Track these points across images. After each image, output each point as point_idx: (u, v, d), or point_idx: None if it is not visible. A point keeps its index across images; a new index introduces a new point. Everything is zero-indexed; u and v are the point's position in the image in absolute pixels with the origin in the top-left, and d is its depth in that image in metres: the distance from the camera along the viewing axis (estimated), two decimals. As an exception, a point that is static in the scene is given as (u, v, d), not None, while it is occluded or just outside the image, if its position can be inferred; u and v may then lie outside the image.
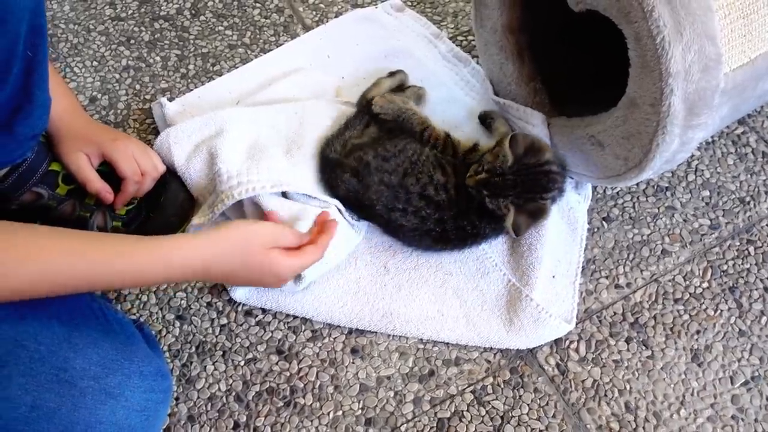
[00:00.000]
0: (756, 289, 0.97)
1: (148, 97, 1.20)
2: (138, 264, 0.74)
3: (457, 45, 1.25)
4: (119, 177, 0.94)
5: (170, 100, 1.17)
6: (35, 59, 0.74)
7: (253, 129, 1.05)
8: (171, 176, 1.00)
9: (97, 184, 0.93)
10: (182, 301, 0.98)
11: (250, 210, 0.97)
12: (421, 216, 0.94)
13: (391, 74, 1.14)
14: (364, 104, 1.08)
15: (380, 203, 0.95)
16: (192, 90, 1.20)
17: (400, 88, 1.14)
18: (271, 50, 1.26)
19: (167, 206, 0.97)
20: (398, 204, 0.95)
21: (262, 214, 0.96)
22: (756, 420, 0.87)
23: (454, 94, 1.17)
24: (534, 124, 1.02)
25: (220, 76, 1.22)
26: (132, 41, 1.29)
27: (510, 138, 0.92)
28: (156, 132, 1.14)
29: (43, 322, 0.71)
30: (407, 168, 0.95)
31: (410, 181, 0.94)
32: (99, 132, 0.95)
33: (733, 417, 0.87)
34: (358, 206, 0.98)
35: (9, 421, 0.66)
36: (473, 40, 1.25)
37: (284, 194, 0.98)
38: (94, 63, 1.26)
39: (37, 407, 0.67)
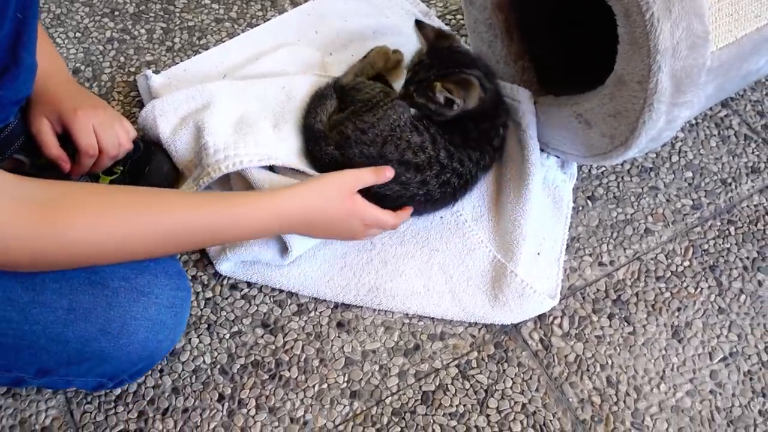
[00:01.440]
0: (735, 268, 0.99)
1: (132, 69, 1.19)
2: (254, 213, 0.78)
3: (445, 23, 1.24)
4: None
5: (155, 72, 1.15)
6: (25, 22, 0.74)
7: (241, 103, 1.04)
8: (156, 147, 0.99)
9: (53, 150, 0.89)
10: (167, 274, 0.97)
11: (236, 183, 0.97)
12: (402, 182, 0.92)
13: (364, 57, 1.12)
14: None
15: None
16: (178, 63, 1.18)
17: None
18: (259, 25, 1.24)
19: (152, 177, 0.97)
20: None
21: (249, 187, 0.95)
22: (733, 394, 0.89)
23: (442, 72, 1.17)
24: (521, 101, 1.02)
25: (207, 50, 1.20)
26: (116, 13, 1.26)
27: (416, 24, 0.98)
28: (141, 105, 1.13)
29: None
30: (387, 137, 0.94)
31: (389, 150, 0.93)
32: (65, 98, 0.91)
33: (711, 391, 0.89)
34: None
35: (47, 324, 0.72)
36: (462, 19, 1.25)
37: (272, 168, 0.97)
38: (78, 34, 1.24)
39: (73, 309, 0.73)
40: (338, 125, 0.98)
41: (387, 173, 0.89)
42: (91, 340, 0.74)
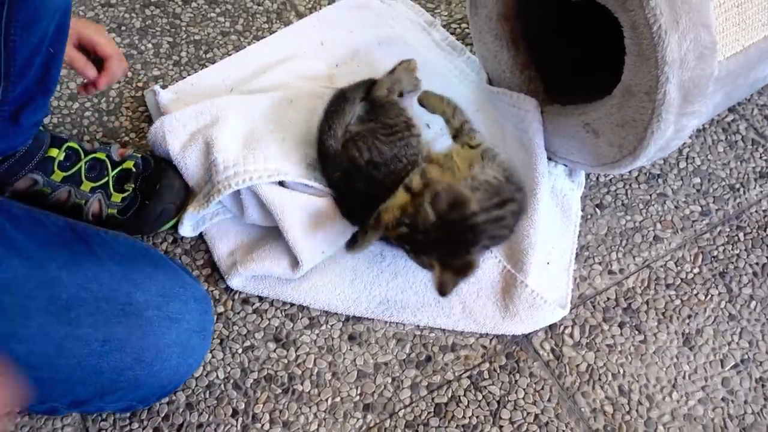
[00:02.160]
0: (745, 274, 0.99)
1: (140, 84, 1.19)
2: None
3: (450, 32, 1.25)
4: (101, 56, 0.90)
5: (163, 87, 1.16)
6: (56, 56, 0.76)
7: (249, 118, 1.05)
8: (166, 164, 1.00)
9: (81, 59, 0.88)
10: (179, 290, 0.98)
11: (247, 199, 0.97)
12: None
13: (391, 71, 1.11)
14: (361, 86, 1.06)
15: (362, 211, 0.93)
16: (185, 77, 1.19)
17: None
18: (264, 37, 1.25)
19: (164, 193, 0.97)
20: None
21: (260, 204, 0.96)
22: (746, 402, 0.89)
23: (449, 83, 1.17)
24: (527, 110, 1.02)
25: (213, 63, 1.21)
26: (123, 28, 1.27)
27: (433, 195, 0.82)
28: (149, 120, 1.14)
29: (98, 265, 0.77)
30: (395, 179, 0.91)
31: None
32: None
33: (723, 399, 0.89)
34: (342, 207, 0.98)
35: (83, 357, 0.73)
36: (467, 28, 1.25)
37: (281, 183, 0.98)
38: (85, 50, 1.24)
39: (109, 340, 0.74)
40: (353, 142, 0.98)
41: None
42: (126, 370, 0.75)
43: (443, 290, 0.83)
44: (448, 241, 0.82)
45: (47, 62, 0.76)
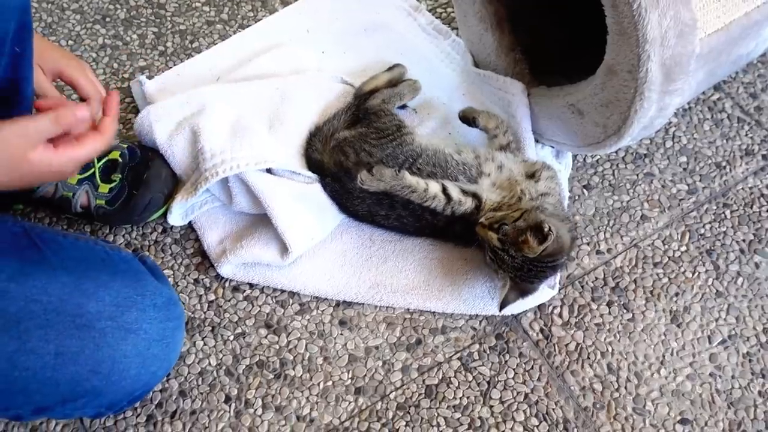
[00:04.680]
0: (732, 251, 1.00)
1: (126, 75, 1.19)
2: None
3: (436, 17, 1.24)
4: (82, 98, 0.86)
5: (149, 78, 1.16)
6: (23, 55, 0.75)
7: (236, 106, 1.05)
8: (152, 153, 1.00)
9: (55, 94, 0.84)
10: (169, 279, 0.98)
11: (235, 186, 0.97)
12: (402, 222, 0.96)
13: (390, 68, 1.11)
14: (360, 97, 1.06)
15: (363, 208, 0.96)
16: (171, 68, 1.19)
17: (394, 83, 1.10)
18: (250, 26, 1.25)
19: (151, 183, 0.97)
20: (381, 210, 0.96)
21: (249, 192, 0.96)
22: (733, 376, 0.90)
23: (434, 66, 1.17)
24: (514, 94, 1.03)
25: (199, 53, 1.21)
26: (108, 19, 1.27)
27: (546, 235, 0.83)
28: (135, 110, 1.13)
29: (49, 274, 0.74)
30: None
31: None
32: (53, 50, 0.86)
33: (711, 374, 0.90)
34: (340, 206, 0.99)
35: (37, 370, 0.72)
36: (452, 12, 1.25)
37: (269, 170, 0.98)
38: (70, 42, 1.24)
39: (61, 353, 0.72)
40: (338, 150, 0.99)
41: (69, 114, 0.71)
42: (83, 381, 0.74)
43: (505, 305, 0.89)
44: (530, 271, 0.86)
45: (15, 62, 0.75)
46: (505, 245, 0.86)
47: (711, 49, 0.84)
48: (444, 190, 0.91)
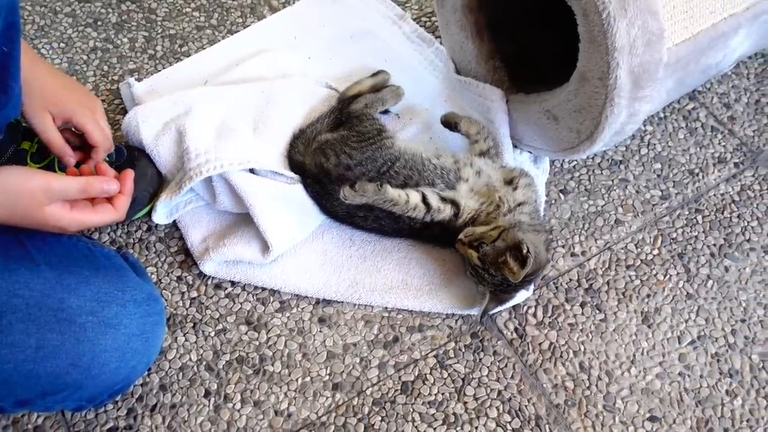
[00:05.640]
0: (703, 255, 1.03)
1: (116, 78, 1.22)
2: None
3: (421, 26, 1.28)
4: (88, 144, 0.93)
5: (138, 80, 1.18)
6: (10, 54, 0.77)
7: (221, 108, 1.08)
8: (139, 153, 1.02)
9: (59, 144, 0.90)
10: (152, 276, 1.00)
11: (219, 186, 1.00)
12: (380, 223, 0.98)
13: (374, 74, 1.14)
14: (343, 101, 1.09)
15: (342, 209, 0.98)
16: (160, 71, 1.21)
17: (377, 88, 1.13)
18: (239, 31, 1.27)
19: (136, 181, 0.98)
20: (359, 212, 0.98)
21: (232, 191, 0.98)
22: (701, 376, 0.93)
23: (418, 74, 1.20)
24: (493, 100, 1.06)
25: (188, 57, 1.23)
26: (99, 23, 1.29)
27: (525, 257, 0.85)
28: (124, 112, 1.16)
29: (32, 270, 0.76)
30: (373, 177, 0.96)
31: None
32: (65, 94, 0.92)
33: (680, 374, 0.93)
34: (321, 206, 1.01)
35: (18, 363, 0.73)
36: (436, 21, 1.28)
37: (252, 171, 1.00)
38: (62, 45, 1.26)
39: (42, 347, 0.73)
40: (319, 152, 1.01)
41: (98, 187, 0.80)
42: (63, 374, 0.75)
43: (485, 315, 0.94)
44: (509, 286, 0.91)
45: (3, 62, 0.76)
46: (485, 264, 0.89)
47: (679, 59, 0.88)
48: (424, 199, 0.93)
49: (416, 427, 0.89)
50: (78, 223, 0.80)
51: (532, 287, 0.98)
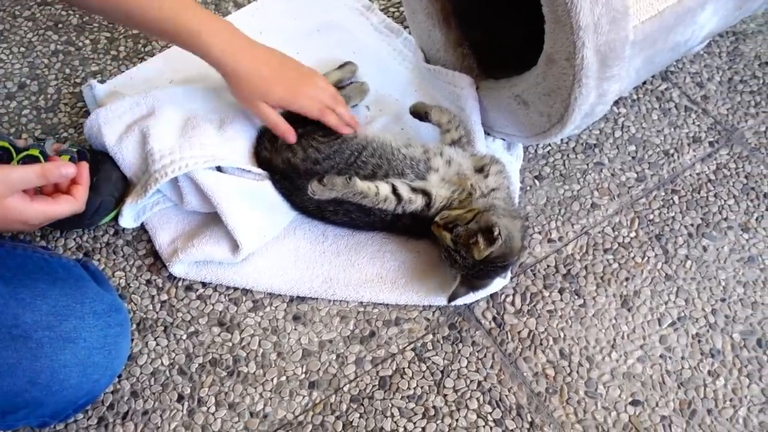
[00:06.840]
0: (681, 236, 1.02)
1: (78, 80, 1.19)
2: None
3: (389, 16, 1.26)
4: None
5: (101, 82, 1.15)
6: None
7: (185, 107, 1.05)
8: (103, 156, 1.00)
9: (283, 127, 0.96)
10: (121, 280, 0.98)
11: (185, 186, 0.97)
12: (351, 216, 0.96)
13: (341, 66, 1.12)
14: None
15: (312, 204, 0.96)
16: (124, 71, 1.19)
17: (344, 82, 1.12)
18: (204, 29, 1.24)
19: (101, 186, 0.97)
20: (329, 206, 0.95)
21: (199, 191, 0.96)
22: (683, 357, 0.91)
23: (387, 64, 1.19)
24: (462, 87, 1.04)
25: (152, 56, 1.21)
26: (60, 25, 1.26)
27: (495, 239, 0.84)
28: (88, 115, 1.12)
29: None
30: (342, 170, 0.94)
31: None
32: (278, 88, 0.96)
33: (661, 356, 0.92)
34: (291, 202, 0.99)
35: None
36: (404, 11, 1.26)
37: (219, 169, 0.98)
38: (22, 49, 1.23)
39: None
40: (287, 145, 0.99)
41: (56, 171, 0.77)
42: (22, 393, 0.73)
43: (454, 299, 0.91)
44: (480, 270, 0.89)
45: None
46: (457, 246, 0.87)
47: (646, 36, 0.86)
48: (394, 190, 0.91)
49: (396, 422, 0.87)
50: (41, 214, 0.77)
51: (509, 275, 0.96)
